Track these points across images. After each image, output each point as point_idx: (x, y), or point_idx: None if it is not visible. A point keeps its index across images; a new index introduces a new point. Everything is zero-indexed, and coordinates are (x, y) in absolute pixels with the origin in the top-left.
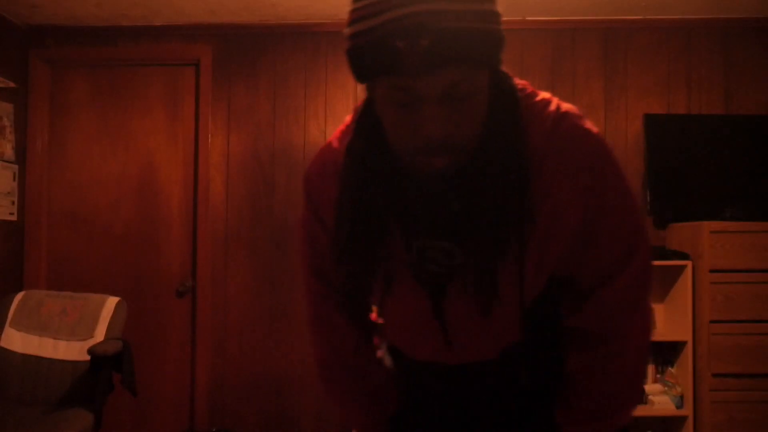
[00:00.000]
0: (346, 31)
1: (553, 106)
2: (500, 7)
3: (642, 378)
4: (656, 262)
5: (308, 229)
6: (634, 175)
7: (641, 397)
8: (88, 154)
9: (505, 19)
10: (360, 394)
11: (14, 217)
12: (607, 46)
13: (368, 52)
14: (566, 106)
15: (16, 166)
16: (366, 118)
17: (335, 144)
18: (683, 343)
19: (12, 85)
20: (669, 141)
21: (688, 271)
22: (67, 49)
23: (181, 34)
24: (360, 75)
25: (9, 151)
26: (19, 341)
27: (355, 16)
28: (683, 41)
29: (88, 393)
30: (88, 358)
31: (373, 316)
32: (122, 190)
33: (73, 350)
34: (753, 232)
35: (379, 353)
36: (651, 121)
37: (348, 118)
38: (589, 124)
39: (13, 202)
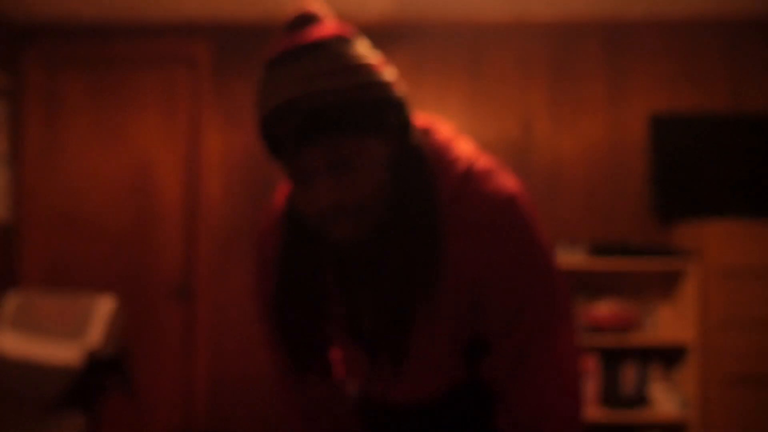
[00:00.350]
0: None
1: (460, 166)
2: (500, 5)
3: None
4: (662, 262)
5: (260, 286)
6: (638, 174)
7: None
8: (84, 152)
9: (505, 18)
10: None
11: (6, 216)
12: (610, 44)
13: (263, 139)
14: (475, 162)
15: (9, 165)
16: None
17: (280, 201)
18: (689, 344)
19: (5, 83)
20: (674, 139)
21: (694, 270)
22: (62, 47)
23: (179, 31)
24: (270, 155)
25: (1, 149)
26: (12, 341)
27: (256, 106)
28: (688, 39)
29: (83, 395)
30: (83, 359)
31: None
32: (118, 189)
33: (67, 351)
34: (760, 230)
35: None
36: (656, 119)
37: None
38: (496, 183)
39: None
